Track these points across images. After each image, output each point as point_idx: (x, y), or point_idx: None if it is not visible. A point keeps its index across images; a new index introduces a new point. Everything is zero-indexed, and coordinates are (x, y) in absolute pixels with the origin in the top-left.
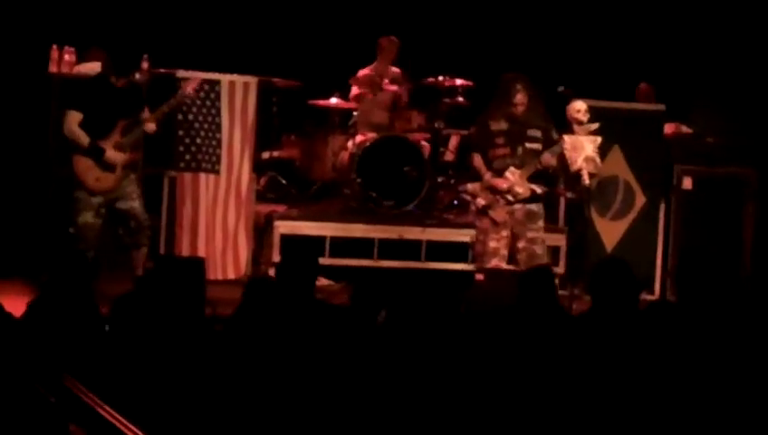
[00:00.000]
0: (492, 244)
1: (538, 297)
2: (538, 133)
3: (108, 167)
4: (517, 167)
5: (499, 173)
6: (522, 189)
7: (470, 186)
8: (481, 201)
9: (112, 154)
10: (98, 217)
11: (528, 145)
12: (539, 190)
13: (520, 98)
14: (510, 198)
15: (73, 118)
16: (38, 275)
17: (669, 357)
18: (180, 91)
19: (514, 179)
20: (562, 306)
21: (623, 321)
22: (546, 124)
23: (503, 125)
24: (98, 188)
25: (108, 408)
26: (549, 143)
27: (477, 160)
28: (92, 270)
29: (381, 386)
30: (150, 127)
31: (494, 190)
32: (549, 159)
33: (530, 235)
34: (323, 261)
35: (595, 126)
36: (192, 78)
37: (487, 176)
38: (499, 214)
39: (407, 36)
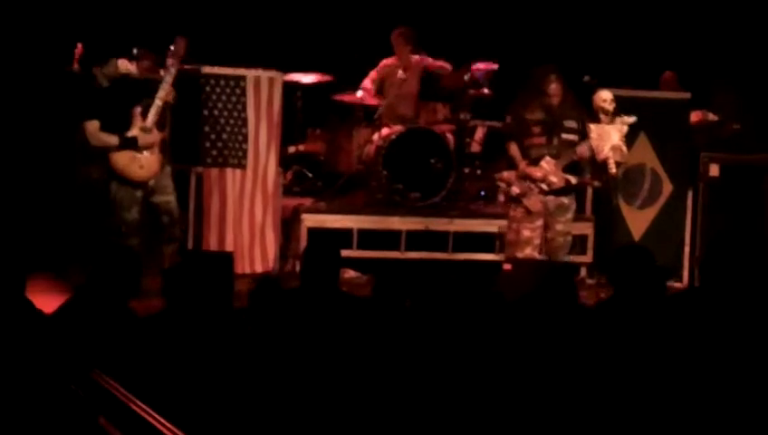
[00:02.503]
0: (526, 233)
1: (557, 290)
2: (573, 124)
3: (146, 149)
4: (553, 157)
5: (535, 162)
6: (556, 179)
7: (505, 174)
8: (515, 189)
9: (144, 138)
10: (140, 211)
11: (564, 136)
12: (573, 181)
13: (555, 89)
14: (544, 187)
15: (93, 127)
16: (66, 272)
17: (694, 345)
18: (174, 56)
19: (550, 169)
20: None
21: (646, 308)
22: (581, 115)
23: (538, 115)
24: (142, 176)
25: (138, 401)
26: (584, 134)
27: (513, 149)
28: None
29: (404, 377)
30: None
31: (528, 179)
32: (584, 150)
33: (558, 226)
34: (350, 253)
35: (632, 119)
36: (177, 40)
37: (523, 164)
38: (533, 203)
39: (429, 28)
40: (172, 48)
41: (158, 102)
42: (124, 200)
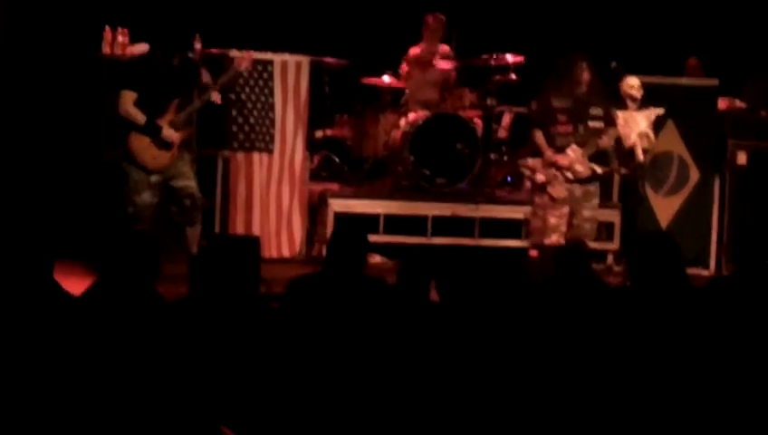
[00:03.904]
0: (552, 220)
1: (573, 272)
2: (600, 112)
3: (164, 145)
4: (579, 145)
5: (561, 150)
6: (582, 168)
7: (530, 161)
8: (540, 177)
9: (168, 132)
10: (155, 196)
11: (590, 124)
12: (599, 170)
13: (585, 77)
14: (570, 175)
15: (128, 97)
16: (94, 256)
17: (722, 333)
18: (233, 67)
19: (575, 157)
20: (599, 280)
21: (664, 294)
22: (607, 104)
23: (566, 103)
24: (154, 166)
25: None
26: (610, 123)
27: (539, 137)
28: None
29: (430, 363)
30: (216, 96)
31: (554, 167)
32: (605, 141)
33: (585, 213)
34: (377, 238)
35: (660, 111)
36: (245, 56)
37: (549, 152)
38: (558, 190)
39: (455, 13)
40: (235, 61)
41: (197, 104)
42: (136, 183)
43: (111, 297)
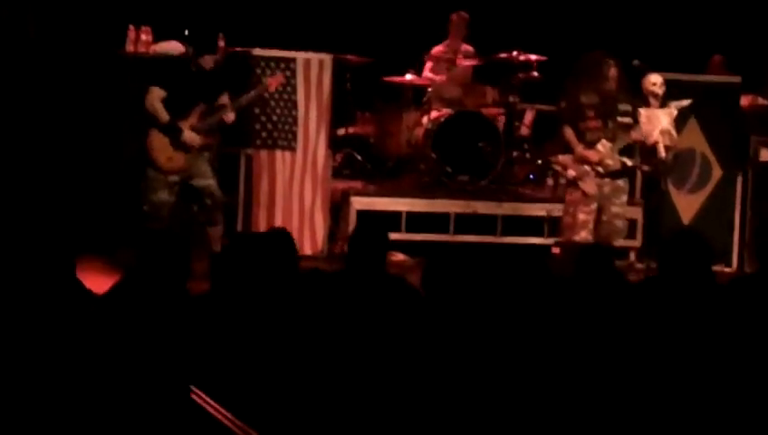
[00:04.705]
0: (581, 216)
1: (595, 270)
2: (628, 108)
3: (182, 147)
4: (608, 140)
5: (590, 146)
6: (613, 162)
7: (561, 157)
8: (572, 173)
9: (189, 135)
10: (171, 194)
11: (619, 119)
12: (629, 163)
13: (613, 73)
14: (601, 170)
15: (156, 94)
16: (114, 252)
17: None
18: (262, 85)
19: (606, 152)
20: (621, 276)
21: (692, 291)
22: (634, 100)
23: (594, 99)
24: (169, 166)
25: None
26: (637, 119)
27: (569, 133)
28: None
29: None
30: (230, 117)
31: (585, 162)
32: (636, 135)
33: (614, 209)
34: (399, 236)
35: (687, 102)
36: (276, 77)
37: (579, 148)
38: (590, 186)
39: (477, 11)
40: (266, 80)
41: (220, 115)
42: (152, 182)
43: (141, 296)
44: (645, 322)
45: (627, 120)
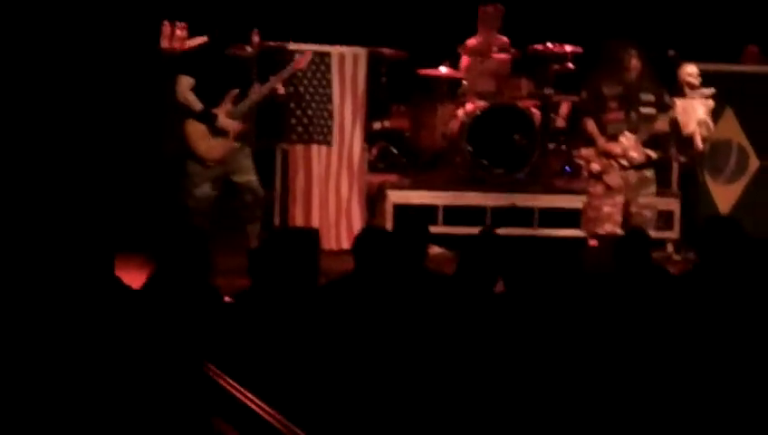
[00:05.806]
0: (606, 209)
1: (633, 260)
2: (651, 98)
3: (220, 133)
4: (631, 131)
5: (613, 138)
6: (636, 154)
7: (584, 151)
8: (595, 166)
9: (225, 120)
10: (214, 188)
11: (642, 110)
12: (654, 155)
13: (634, 63)
14: (624, 162)
15: (186, 83)
16: (154, 249)
17: None
18: (292, 63)
19: (629, 144)
20: (660, 267)
21: (731, 279)
22: (658, 89)
23: (616, 90)
24: (210, 156)
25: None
26: (662, 108)
27: (590, 125)
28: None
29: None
30: (281, 89)
31: (608, 155)
32: (660, 125)
33: (642, 200)
34: (436, 229)
35: (710, 91)
36: (304, 52)
37: (601, 141)
38: (613, 179)
39: (511, 2)
40: (295, 59)
41: (253, 97)
42: (195, 176)
43: (167, 290)
44: (693, 313)
45: (650, 111)
